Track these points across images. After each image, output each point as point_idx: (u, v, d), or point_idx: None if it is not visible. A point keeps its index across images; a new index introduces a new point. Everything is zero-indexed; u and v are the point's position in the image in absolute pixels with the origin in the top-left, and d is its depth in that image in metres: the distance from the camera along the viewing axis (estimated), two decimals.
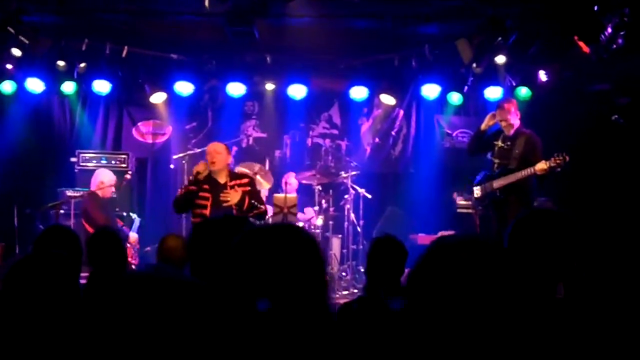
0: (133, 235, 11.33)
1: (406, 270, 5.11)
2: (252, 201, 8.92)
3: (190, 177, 8.91)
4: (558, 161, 9.41)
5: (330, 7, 11.19)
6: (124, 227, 11.26)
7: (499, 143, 10.18)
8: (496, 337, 2.35)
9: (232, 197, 8.84)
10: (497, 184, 10.05)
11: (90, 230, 10.45)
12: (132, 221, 11.97)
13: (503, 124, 10.10)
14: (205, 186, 8.83)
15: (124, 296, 2.09)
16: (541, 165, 9.47)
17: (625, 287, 3.71)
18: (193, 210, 8.92)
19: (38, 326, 3.12)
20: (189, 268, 3.31)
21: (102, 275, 5.58)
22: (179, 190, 9.13)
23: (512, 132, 10.06)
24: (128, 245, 10.67)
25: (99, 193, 11.24)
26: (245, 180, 9.12)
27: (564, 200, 11.60)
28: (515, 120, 10.03)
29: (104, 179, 11.37)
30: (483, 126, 10.33)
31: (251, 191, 9.06)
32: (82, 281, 4.98)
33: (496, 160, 10.14)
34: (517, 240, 3.41)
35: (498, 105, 10.46)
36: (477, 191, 10.51)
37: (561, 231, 3.39)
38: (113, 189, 11.46)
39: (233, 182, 8.97)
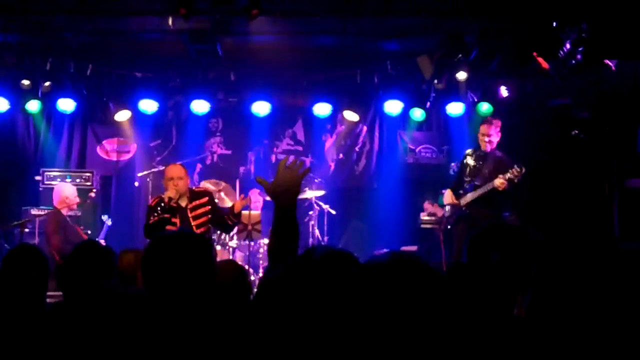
0: (101, 243, 11.29)
1: None
2: (214, 222, 9.06)
3: (162, 204, 8.79)
4: (515, 173, 9.66)
5: (292, 24, 11.25)
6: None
7: (471, 162, 10.36)
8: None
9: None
10: (463, 200, 10.26)
11: (52, 252, 10.39)
12: (103, 224, 11.98)
13: (483, 138, 10.28)
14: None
15: (85, 312, 2.17)
16: (499, 181, 9.68)
17: (585, 298, 3.78)
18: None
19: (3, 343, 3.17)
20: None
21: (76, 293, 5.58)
22: (151, 218, 8.98)
23: (487, 150, 10.24)
24: None
25: (64, 211, 11.10)
26: (204, 199, 9.10)
27: (527, 214, 11.72)
28: (496, 140, 10.25)
29: (67, 194, 11.21)
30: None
31: (212, 209, 9.11)
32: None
33: (467, 178, 10.33)
34: (474, 254, 3.50)
35: (485, 120, 10.67)
36: (447, 209, 10.69)
37: (515, 244, 3.48)
38: (78, 199, 11.35)
39: (193, 204, 8.98)
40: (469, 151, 10.69)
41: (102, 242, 11.37)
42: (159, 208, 8.79)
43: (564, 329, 3.38)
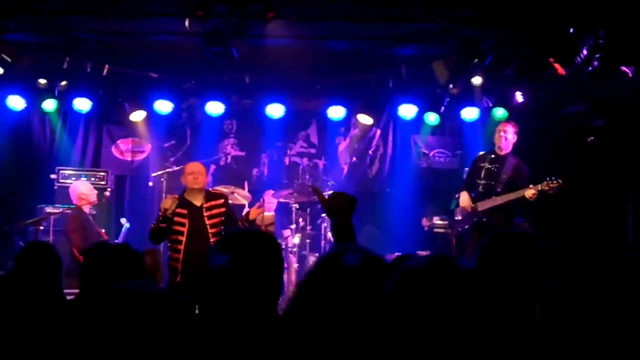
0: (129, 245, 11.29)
1: None
2: (228, 225, 9.00)
3: (160, 214, 8.78)
4: (552, 185, 9.53)
5: (307, 28, 11.28)
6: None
7: (486, 165, 10.26)
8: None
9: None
10: (482, 206, 10.09)
11: (73, 249, 10.48)
12: (121, 227, 12.02)
13: (499, 134, 10.20)
14: (182, 211, 8.80)
15: (106, 308, 2.19)
16: (531, 192, 9.57)
17: (597, 306, 3.77)
18: (170, 236, 8.80)
19: (23, 339, 3.19)
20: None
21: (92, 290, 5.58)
22: (153, 223, 9.02)
23: (502, 153, 10.15)
24: None
25: (84, 208, 11.13)
26: (220, 201, 9.01)
27: (541, 222, 11.68)
28: (512, 141, 10.17)
29: (83, 191, 11.27)
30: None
31: (227, 212, 9.07)
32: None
33: (482, 181, 10.20)
34: (485, 262, 3.51)
35: (504, 120, 10.60)
36: (458, 213, 10.59)
37: (524, 252, 3.49)
38: (96, 192, 11.41)
39: (209, 204, 8.93)
40: (481, 154, 10.62)
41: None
42: (160, 218, 8.75)
43: (577, 335, 3.38)
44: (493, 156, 10.31)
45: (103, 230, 11.48)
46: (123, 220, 12.28)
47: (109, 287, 2.27)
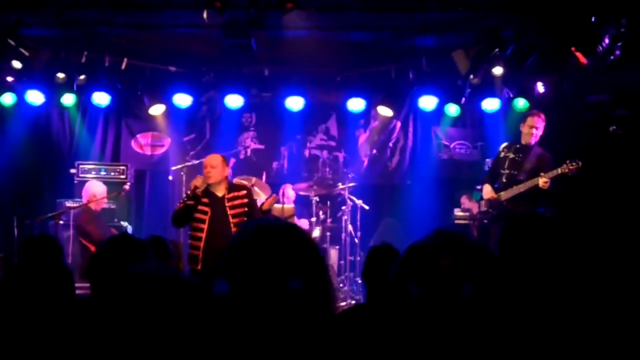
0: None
1: None
2: (250, 216, 8.99)
3: (188, 192, 8.95)
4: (571, 167, 9.44)
5: (327, 19, 11.23)
6: None
7: (510, 155, 10.16)
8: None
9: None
10: (505, 195, 10.02)
11: (87, 244, 10.51)
12: (124, 230, 12.06)
13: (531, 130, 10.04)
14: (204, 200, 8.86)
15: (122, 294, 2.13)
16: (542, 180, 9.50)
17: (622, 298, 3.71)
18: (191, 224, 8.95)
19: (35, 327, 3.16)
20: None
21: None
22: (178, 204, 9.14)
23: (531, 143, 10.03)
24: None
25: (92, 206, 11.20)
26: (242, 192, 9.12)
27: (562, 212, 11.59)
28: (541, 133, 10.06)
29: (95, 192, 11.30)
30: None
31: (249, 202, 9.11)
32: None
33: (505, 171, 10.11)
34: (507, 243, 3.45)
35: (532, 112, 10.43)
36: (482, 205, 10.50)
37: (548, 233, 3.42)
38: (105, 199, 11.47)
39: (231, 194, 8.99)
40: (505, 145, 10.50)
41: None
42: (184, 196, 8.89)
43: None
44: (518, 146, 10.20)
45: (120, 222, 11.55)
46: (124, 224, 12.31)
47: (123, 273, 2.21)
